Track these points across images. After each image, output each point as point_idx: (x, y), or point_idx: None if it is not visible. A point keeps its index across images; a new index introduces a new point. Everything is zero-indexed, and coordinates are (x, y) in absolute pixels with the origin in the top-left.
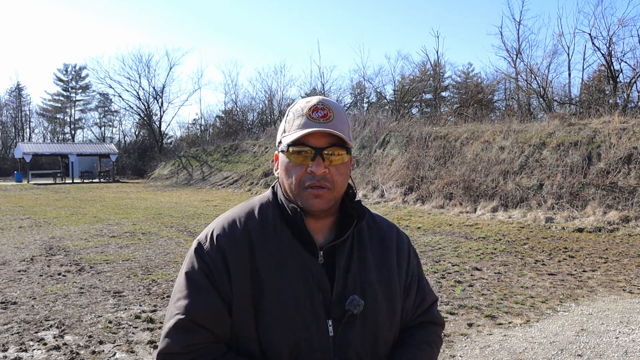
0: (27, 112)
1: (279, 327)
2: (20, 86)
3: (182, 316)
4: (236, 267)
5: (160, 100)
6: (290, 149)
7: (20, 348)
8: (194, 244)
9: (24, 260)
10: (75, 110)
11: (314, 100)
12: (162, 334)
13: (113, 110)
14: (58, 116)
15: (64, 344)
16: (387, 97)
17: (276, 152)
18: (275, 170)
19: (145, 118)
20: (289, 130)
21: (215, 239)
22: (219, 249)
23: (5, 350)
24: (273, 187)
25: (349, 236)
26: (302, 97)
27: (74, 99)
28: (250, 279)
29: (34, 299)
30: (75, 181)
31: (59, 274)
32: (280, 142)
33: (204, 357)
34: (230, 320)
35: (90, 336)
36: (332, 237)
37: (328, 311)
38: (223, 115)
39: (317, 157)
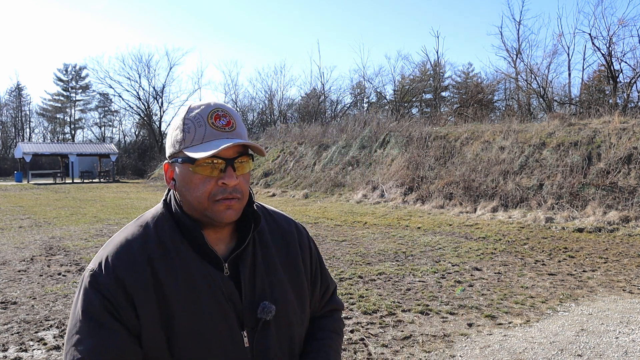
0: (27, 112)
1: (193, 348)
2: (20, 86)
3: (87, 359)
4: (140, 295)
5: (160, 100)
6: (198, 161)
7: (20, 348)
8: (86, 276)
9: (24, 260)
10: (75, 110)
11: (210, 105)
12: None
13: (113, 110)
14: (58, 116)
15: (64, 343)
16: (387, 97)
17: (166, 162)
18: (169, 183)
19: (145, 118)
20: (191, 141)
21: (111, 268)
22: (117, 277)
23: (5, 350)
24: (165, 200)
25: (250, 242)
26: (189, 103)
27: (74, 99)
28: (157, 305)
29: (34, 299)
30: (75, 181)
31: (59, 274)
32: (176, 154)
33: None
34: (141, 352)
35: None
36: (233, 245)
37: (241, 322)
38: None
39: (229, 168)
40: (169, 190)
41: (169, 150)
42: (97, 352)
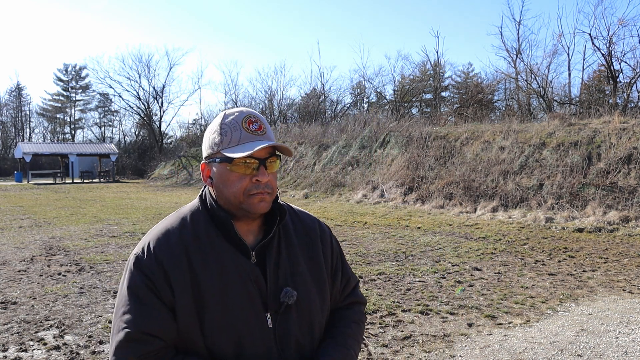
0: (27, 112)
1: (222, 327)
2: (20, 86)
3: (131, 329)
4: (176, 276)
5: (160, 100)
6: (236, 161)
7: (20, 348)
8: (131, 258)
9: (24, 260)
10: (75, 110)
11: (244, 112)
12: (111, 349)
13: (113, 110)
14: (58, 116)
15: (64, 344)
16: (387, 97)
17: (204, 162)
18: (206, 180)
19: (145, 118)
20: (228, 143)
21: (152, 250)
22: (157, 260)
23: (5, 350)
24: (201, 196)
25: (275, 234)
26: (224, 110)
27: (74, 99)
28: (191, 286)
29: (34, 299)
30: (75, 181)
31: (59, 274)
32: (213, 154)
33: None
34: (176, 326)
35: (90, 336)
36: (261, 237)
37: (266, 306)
38: None
39: (261, 167)
40: (204, 188)
41: (206, 152)
42: (138, 324)
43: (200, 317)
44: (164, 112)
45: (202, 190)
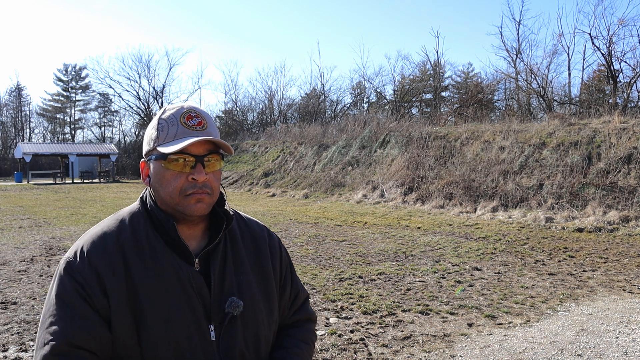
0: (27, 112)
1: (161, 340)
2: (20, 86)
3: (57, 341)
4: (112, 283)
5: (160, 100)
6: (170, 158)
7: (20, 348)
8: (62, 263)
9: (24, 260)
10: (75, 111)
11: (184, 107)
12: None
13: (113, 110)
14: (58, 116)
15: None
16: (387, 97)
17: (143, 160)
18: (144, 180)
19: (145, 118)
20: (164, 139)
21: (86, 255)
22: (91, 265)
23: (5, 350)
24: (142, 198)
25: (221, 240)
26: (165, 106)
27: (74, 99)
28: (128, 294)
29: (34, 299)
30: (75, 181)
31: None
32: (150, 151)
33: None
34: (110, 337)
35: None
36: (205, 243)
37: (209, 316)
38: (223, 115)
39: (198, 165)
40: (146, 189)
41: (145, 148)
42: (66, 334)
43: (137, 328)
44: None
45: (144, 192)
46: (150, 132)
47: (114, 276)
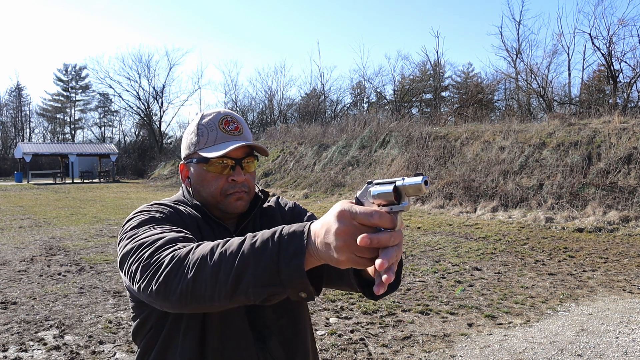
0: (27, 112)
1: None
2: (20, 86)
3: (163, 235)
4: (188, 225)
5: (160, 100)
6: (212, 161)
7: (20, 348)
8: (140, 208)
9: (24, 260)
10: (75, 110)
11: (221, 113)
12: (135, 265)
13: (113, 110)
14: (58, 116)
15: (64, 344)
16: (387, 97)
17: (182, 163)
18: (184, 180)
19: (145, 118)
20: (205, 143)
21: (168, 202)
22: (176, 210)
23: (5, 350)
24: (183, 195)
25: (256, 216)
26: (202, 111)
27: (74, 99)
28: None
29: (34, 299)
30: (75, 181)
31: (59, 274)
32: (191, 155)
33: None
34: None
35: (90, 336)
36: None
37: None
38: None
39: (237, 167)
40: (180, 191)
41: (184, 152)
42: (166, 229)
43: None
44: (164, 112)
45: (181, 190)
46: (190, 137)
47: (193, 228)
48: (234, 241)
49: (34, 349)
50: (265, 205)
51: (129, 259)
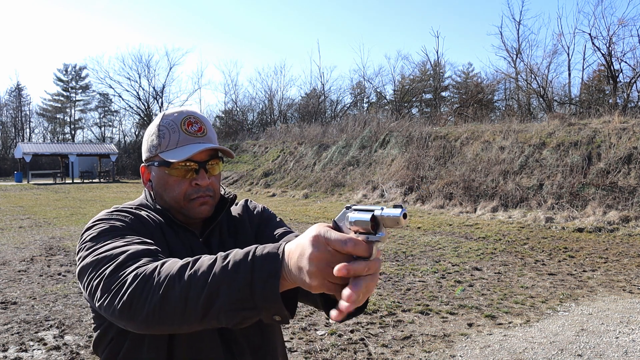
0: (27, 112)
1: None
2: (20, 86)
3: (125, 248)
4: (156, 237)
5: (160, 100)
6: (174, 165)
7: (20, 348)
8: (98, 216)
9: (24, 260)
10: (75, 110)
11: (183, 113)
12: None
13: (113, 110)
14: (58, 116)
15: (64, 344)
16: (387, 97)
17: (143, 165)
18: (146, 184)
19: (145, 118)
20: (166, 146)
21: (128, 207)
22: (136, 216)
23: (5, 350)
24: (146, 198)
25: (222, 221)
26: (163, 111)
27: (74, 99)
28: (167, 246)
29: (34, 299)
30: (75, 181)
31: (59, 274)
32: (152, 158)
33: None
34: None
35: (90, 336)
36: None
37: None
38: (223, 115)
39: (201, 171)
40: (143, 193)
41: (145, 154)
42: (128, 242)
43: None
44: None
45: (143, 194)
46: (151, 138)
47: (157, 233)
48: (204, 261)
49: (34, 349)
50: (233, 208)
51: (89, 274)
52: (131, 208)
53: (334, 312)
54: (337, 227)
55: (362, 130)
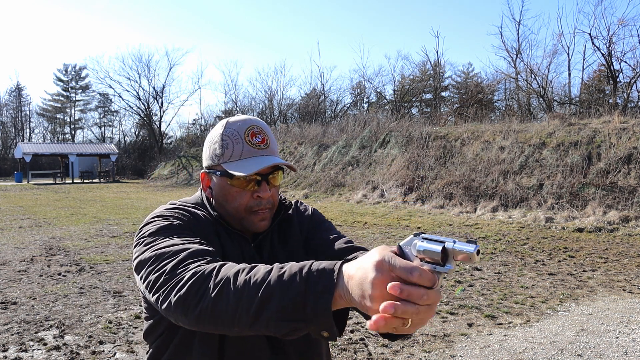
0: (27, 112)
1: None
2: (20, 86)
3: (185, 247)
4: (211, 238)
5: (160, 100)
6: (236, 176)
7: (20, 348)
8: (156, 211)
9: (24, 260)
10: (75, 110)
11: (246, 122)
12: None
13: (113, 110)
14: (58, 116)
15: (64, 344)
16: (387, 97)
17: (203, 171)
18: (205, 190)
19: (145, 118)
20: (229, 157)
21: (185, 205)
22: (193, 215)
23: (5, 350)
24: (202, 201)
25: (274, 227)
26: (226, 117)
27: (74, 99)
28: (220, 248)
29: (34, 299)
30: (75, 181)
31: (59, 274)
32: (214, 166)
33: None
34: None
35: (90, 336)
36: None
37: None
38: (223, 115)
39: (263, 183)
40: (200, 195)
41: (206, 162)
42: (187, 241)
43: None
44: (164, 112)
45: (202, 197)
46: (214, 147)
47: (211, 234)
48: (260, 268)
49: (34, 349)
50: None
51: (148, 268)
52: (188, 206)
53: (370, 321)
54: (401, 252)
55: (362, 130)
